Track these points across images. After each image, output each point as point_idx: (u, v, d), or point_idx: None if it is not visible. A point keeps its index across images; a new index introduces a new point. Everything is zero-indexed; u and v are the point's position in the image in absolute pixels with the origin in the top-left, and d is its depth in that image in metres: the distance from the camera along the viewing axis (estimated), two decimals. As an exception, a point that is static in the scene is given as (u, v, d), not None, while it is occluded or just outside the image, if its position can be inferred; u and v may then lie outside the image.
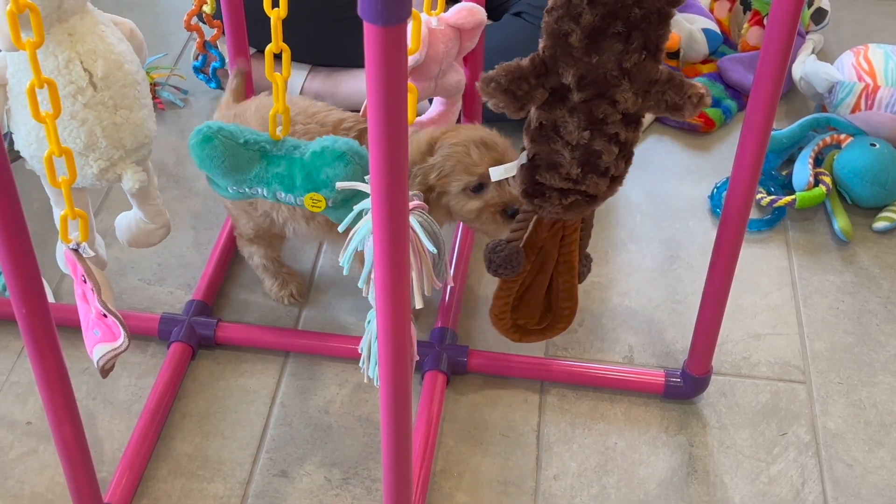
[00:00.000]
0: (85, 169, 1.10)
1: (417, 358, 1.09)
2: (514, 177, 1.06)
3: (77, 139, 1.08)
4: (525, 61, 0.98)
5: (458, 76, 1.29)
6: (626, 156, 1.04)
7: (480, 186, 1.19)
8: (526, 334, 1.23)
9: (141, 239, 1.26)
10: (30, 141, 1.09)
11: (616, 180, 1.06)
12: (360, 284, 1.01)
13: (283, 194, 1.13)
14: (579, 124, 1.00)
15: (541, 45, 0.98)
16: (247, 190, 1.14)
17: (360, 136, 1.20)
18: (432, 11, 1.17)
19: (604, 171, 1.03)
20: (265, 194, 1.13)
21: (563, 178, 1.04)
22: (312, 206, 1.12)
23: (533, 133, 1.03)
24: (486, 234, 1.23)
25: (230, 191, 1.15)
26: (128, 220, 1.25)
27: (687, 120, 0.98)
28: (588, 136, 1.01)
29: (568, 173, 1.03)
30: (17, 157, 1.16)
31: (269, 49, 1.00)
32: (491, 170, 1.09)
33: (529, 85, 0.98)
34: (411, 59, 1.17)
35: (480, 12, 1.23)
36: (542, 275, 1.17)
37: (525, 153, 1.05)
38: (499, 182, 1.18)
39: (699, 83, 0.99)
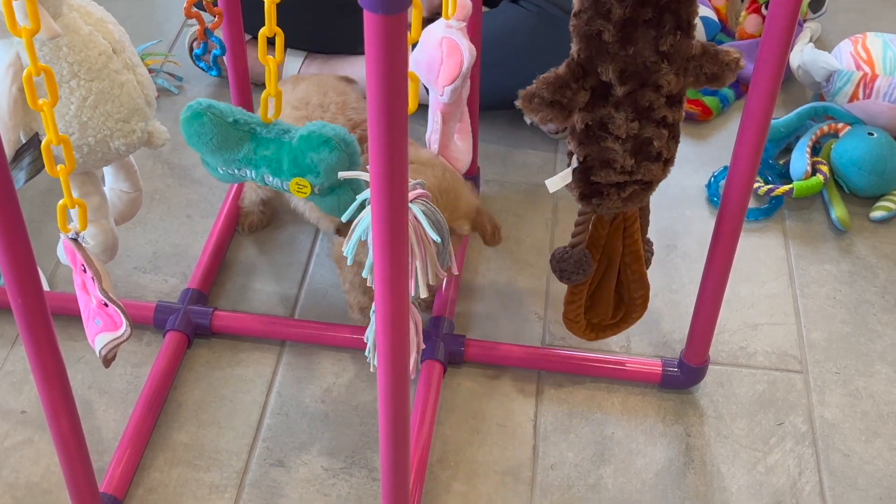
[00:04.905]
0: (131, 136, 1.11)
1: (424, 346, 1.08)
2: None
3: (121, 107, 1.09)
4: (561, 68, 0.98)
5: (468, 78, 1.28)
6: (674, 136, 1.05)
7: None
8: (601, 331, 1.23)
9: (127, 211, 1.26)
10: (72, 130, 1.09)
11: (668, 162, 1.06)
12: (364, 274, 1.01)
13: (270, 178, 1.12)
14: (627, 116, 1.00)
15: (574, 49, 0.98)
16: (236, 171, 1.14)
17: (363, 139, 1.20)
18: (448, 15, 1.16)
19: (656, 155, 1.04)
20: (253, 176, 1.13)
21: (618, 172, 1.04)
22: (298, 192, 1.12)
23: (580, 136, 1.03)
24: None
25: (220, 171, 1.15)
26: (109, 201, 1.24)
27: (726, 86, 1.02)
28: (637, 126, 1.01)
29: (622, 166, 1.03)
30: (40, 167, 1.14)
31: (263, 32, 0.99)
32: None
33: (572, 90, 0.98)
34: (466, 64, 1.16)
35: (468, 2, 1.23)
36: (611, 269, 1.16)
37: (575, 157, 1.05)
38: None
39: (732, 48, 0.99)
